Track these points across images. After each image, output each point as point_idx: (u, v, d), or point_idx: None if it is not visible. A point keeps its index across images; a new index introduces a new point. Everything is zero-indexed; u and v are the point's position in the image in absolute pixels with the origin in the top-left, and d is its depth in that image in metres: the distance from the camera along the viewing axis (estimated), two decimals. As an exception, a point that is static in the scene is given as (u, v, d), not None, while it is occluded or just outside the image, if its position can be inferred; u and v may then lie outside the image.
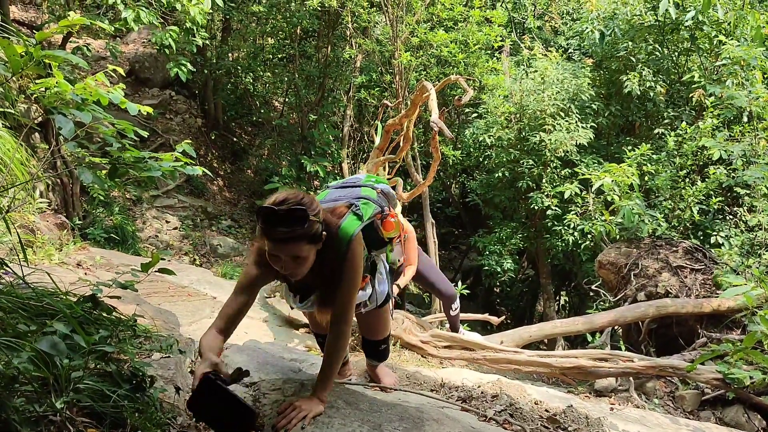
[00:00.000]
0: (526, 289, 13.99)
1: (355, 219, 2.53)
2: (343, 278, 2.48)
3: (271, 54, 13.85)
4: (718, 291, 6.07)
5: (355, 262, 2.49)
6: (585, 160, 9.87)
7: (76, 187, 8.30)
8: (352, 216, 2.54)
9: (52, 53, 2.66)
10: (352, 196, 2.74)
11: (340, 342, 2.53)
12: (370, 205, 2.68)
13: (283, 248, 2.25)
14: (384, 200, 2.90)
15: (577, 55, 12.01)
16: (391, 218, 2.88)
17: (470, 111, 12.18)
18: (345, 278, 2.49)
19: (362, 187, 2.85)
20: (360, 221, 2.53)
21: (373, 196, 2.79)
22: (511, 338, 5.80)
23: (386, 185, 3.03)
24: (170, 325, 3.63)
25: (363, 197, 2.72)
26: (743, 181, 7.24)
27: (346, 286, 2.50)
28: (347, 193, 2.78)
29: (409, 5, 10.80)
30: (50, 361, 1.93)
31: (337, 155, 13.19)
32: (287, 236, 2.21)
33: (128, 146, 2.99)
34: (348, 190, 2.83)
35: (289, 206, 2.21)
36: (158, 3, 7.46)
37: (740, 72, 8.02)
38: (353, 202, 2.65)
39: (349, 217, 2.52)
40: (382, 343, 3.18)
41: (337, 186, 2.94)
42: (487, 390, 3.60)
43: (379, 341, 3.17)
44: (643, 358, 5.06)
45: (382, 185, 2.98)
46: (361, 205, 2.63)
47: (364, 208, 2.62)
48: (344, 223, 2.48)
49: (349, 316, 2.55)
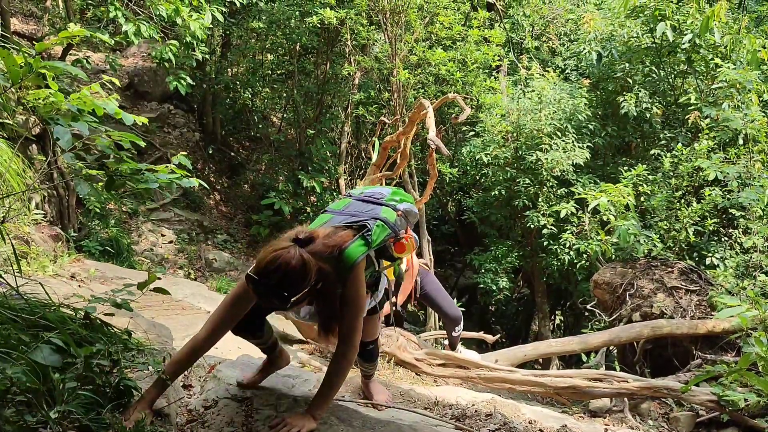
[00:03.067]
0: (522, 308, 13.96)
1: (362, 245, 2.48)
2: (348, 303, 2.47)
3: (270, 70, 13.90)
4: (713, 312, 6.06)
5: (357, 289, 2.48)
6: (581, 180, 9.90)
7: (72, 198, 8.28)
8: (360, 241, 2.48)
9: (52, 64, 2.68)
10: (371, 215, 2.66)
11: (342, 364, 2.52)
12: (384, 230, 2.63)
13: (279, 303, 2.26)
14: (403, 222, 2.84)
15: (574, 76, 12.08)
16: (404, 240, 2.79)
17: (467, 129, 12.22)
18: (349, 304, 2.47)
19: (384, 207, 2.78)
20: (366, 248, 2.49)
21: (392, 218, 2.73)
22: (505, 357, 5.78)
23: (410, 204, 2.97)
24: (164, 339, 3.62)
25: (380, 219, 2.65)
26: (738, 203, 7.26)
27: (350, 311, 2.49)
28: (367, 210, 2.71)
29: (408, 24, 10.88)
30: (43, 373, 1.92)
31: (334, 171, 13.20)
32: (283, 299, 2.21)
33: (125, 158, 2.98)
34: (368, 207, 2.76)
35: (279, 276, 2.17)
36: (159, 17, 7.49)
37: (736, 95, 8.09)
38: (368, 224, 2.58)
39: (357, 242, 2.47)
40: (369, 344, 3.12)
41: (358, 197, 2.87)
42: (481, 409, 3.59)
43: (366, 342, 3.09)
44: (638, 379, 5.04)
45: (405, 205, 2.91)
46: (375, 227, 2.57)
47: (376, 231, 2.57)
48: (350, 247, 2.43)
49: (354, 339, 2.53)
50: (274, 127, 14.85)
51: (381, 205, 2.78)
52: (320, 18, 10.81)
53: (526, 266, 11.58)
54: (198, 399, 2.77)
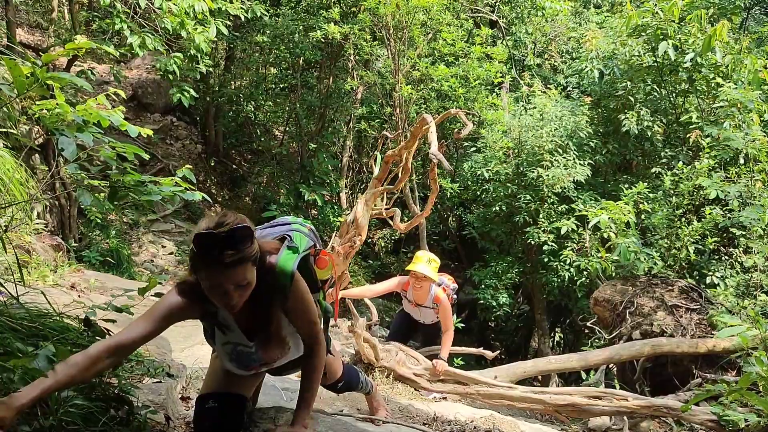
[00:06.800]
0: (521, 324, 13.91)
1: (291, 253, 2.37)
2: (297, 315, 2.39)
3: (273, 83, 13.98)
4: (714, 331, 6.04)
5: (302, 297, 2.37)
6: (582, 197, 9.91)
7: (74, 209, 8.30)
8: (287, 251, 2.36)
9: (57, 75, 2.69)
10: (283, 230, 2.59)
11: (315, 361, 2.48)
12: (304, 238, 2.54)
13: (230, 275, 2.06)
14: (315, 237, 2.75)
15: (575, 93, 12.13)
16: (323, 255, 2.72)
17: (469, 145, 12.27)
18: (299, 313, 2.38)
19: (292, 224, 2.70)
20: (296, 253, 2.38)
21: (305, 231, 2.65)
22: (505, 373, 5.75)
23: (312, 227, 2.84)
24: (162, 350, 3.61)
25: (294, 230, 2.59)
26: (739, 222, 7.26)
27: (303, 318, 2.41)
28: (277, 230, 2.62)
29: (411, 39, 10.95)
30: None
31: (336, 185, 13.24)
32: (235, 259, 2.03)
33: (129, 169, 2.99)
34: (277, 228, 2.67)
35: (230, 227, 2.03)
36: (164, 30, 7.55)
37: (737, 114, 8.11)
38: (286, 233, 2.51)
39: (285, 252, 2.35)
40: (338, 382, 2.99)
41: (263, 227, 2.73)
42: (480, 425, 3.57)
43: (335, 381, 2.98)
44: (637, 397, 5.02)
45: (309, 225, 2.80)
46: (294, 235, 2.51)
47: (297, 237, 2.50)
48: (281, 257, 2.31)
49: (319, 335, 2.47)
50: (276, 140, 14.91)
51: (288, 224, 2.70)
52: (324, 33, 10.90)
53: (526, 282, 11.56)
54: (196, 411, 2.75)
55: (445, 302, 5.42)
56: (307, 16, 12.14)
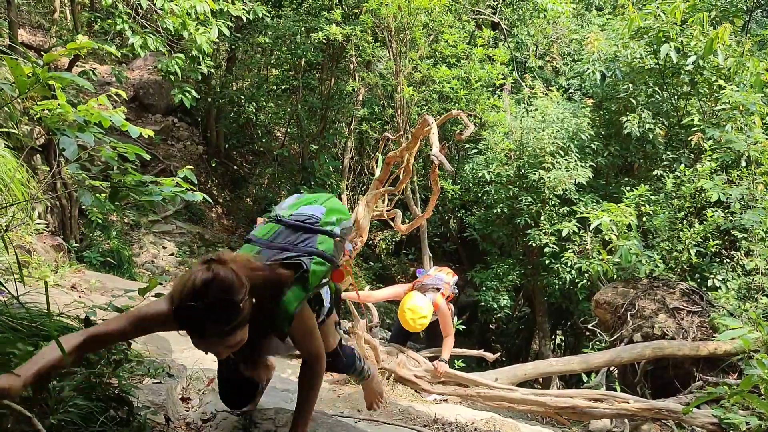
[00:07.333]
0: (522, 327, 13.90)
1: (300, 290, 2.22)
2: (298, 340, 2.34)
3: (275, 85, 14.00)
4: (715, 334, 6.03)
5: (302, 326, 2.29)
6: (583, 199, 9.90)
7: (75, 209, 8.30)
8: (297, 287, 2.21)
9: (59, 75, 2.69)
10: (306, 249, 2.35)
11: (314, 379, 2.45)
12: (323, 265, 2.36)
13: (217, 343, 1.93)
14: (341, 249, 2.57)
15: (577, 95, 12.12)
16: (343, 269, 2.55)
17: (470, 147, 12.26)
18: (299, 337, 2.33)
19: (319, 235, 2.44)
20: (305, 293, 2.24)
21: (330, 249, 2.42)
22: (506, 375, 5.74)
23: (346, 220, 2.63)
24: (163, 351, 3.61)
25: (317, 254, 2.35)
26: (741, 224, 7.25)
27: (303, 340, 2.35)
28: (300, 242, 2.39)
29: (413, 41, 10.96)
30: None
31: (337, 186, 13.22)
32: (221, 332, 1.88)
33: (130, 170, 2.99)
34: (301, 237, 2.41)
35: (214, 298, 1.84)
36: (166, 30, 7.55)
37: (739, 117, 8.10)
38: (304, 262, 2.28)
39: (294, 289, 2.20)
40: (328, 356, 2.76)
41: (288, 221, 2.47)
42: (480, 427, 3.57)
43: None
44: (638, 400, 5.01)
45: (342, 224, 2.58)
46: (312, 266, 2.29)
47: (314, 269, 2.30)
48: (288, 295, 2.17)
49: (318, 351, 2.42)
50: (277, 141, 14.92)
51: (316, 233, 2.44)
52: (326, 34, 10.90)
53: (527, 284, 11.55)
54: (196, 412, 2.76)
55: (444, 309, 5.42)
56: (308, 18, 12.15)
